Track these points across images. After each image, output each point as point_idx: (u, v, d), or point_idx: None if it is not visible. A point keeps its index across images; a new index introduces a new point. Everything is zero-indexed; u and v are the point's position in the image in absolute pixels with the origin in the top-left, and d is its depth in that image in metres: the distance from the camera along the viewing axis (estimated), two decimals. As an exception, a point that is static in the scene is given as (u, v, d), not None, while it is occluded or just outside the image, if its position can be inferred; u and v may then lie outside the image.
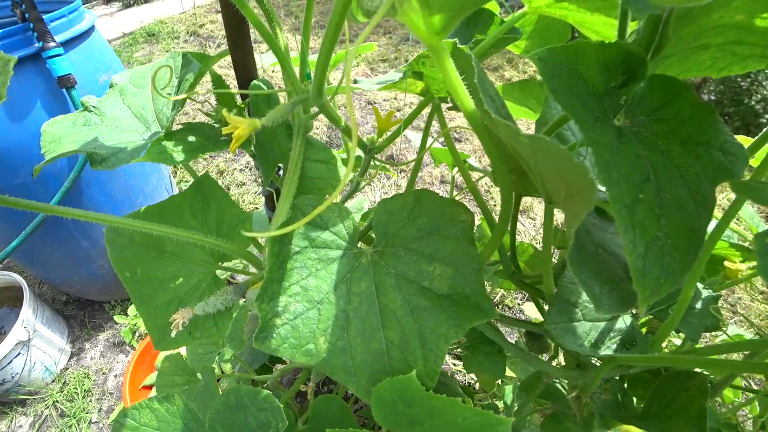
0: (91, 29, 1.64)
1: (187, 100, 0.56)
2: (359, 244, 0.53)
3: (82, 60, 1.53)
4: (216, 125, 0.60)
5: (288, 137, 0.57)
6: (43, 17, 1.37)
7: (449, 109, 0.58)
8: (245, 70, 0.68)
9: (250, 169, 3.08)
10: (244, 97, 0.67)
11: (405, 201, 0.53)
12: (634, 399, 0.82)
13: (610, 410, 0.80)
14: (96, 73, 1.58)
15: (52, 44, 1.36)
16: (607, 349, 0.62)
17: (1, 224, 1.62)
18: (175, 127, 0.56)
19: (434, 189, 2.80)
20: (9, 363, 1.76)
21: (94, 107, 0.63)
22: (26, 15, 1.35)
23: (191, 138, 0.54)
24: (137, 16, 5.92)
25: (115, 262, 0.52)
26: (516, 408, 0.77)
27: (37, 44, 1.36)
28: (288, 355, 0.43)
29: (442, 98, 0.57)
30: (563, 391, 0.98)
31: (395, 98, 3.66)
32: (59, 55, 1.38)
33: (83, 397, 2.01)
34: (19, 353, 1.79)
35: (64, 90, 1.42)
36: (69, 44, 1.49)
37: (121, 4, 6.54)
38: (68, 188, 1.51)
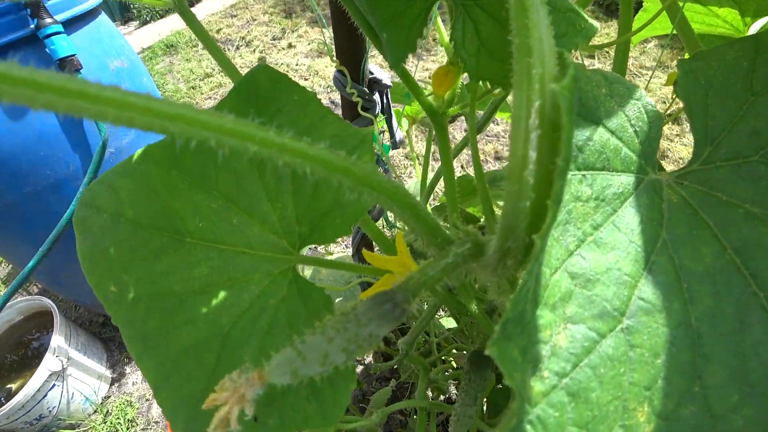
0: (97, 11, 1.43)
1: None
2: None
3: (89, 43, 1.32)
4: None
5: None
6: (38, -7, 1.15)
7: None
8: None
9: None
10: None
11: (731, 54, 0.22)
12: None
13: None
14: (105, 58, 1.36)
15: (49, 20, 1.15)
16: None
17: (21, 246, 1.44)
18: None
19: (491, 168, 2.46)
20: (44, 396, 1.59)
21: None
22: (16, -11, 1.13)
23: None
24: (155, 31, 5.94)
25: (89, 265, 0.25)
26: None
27: (32, 23, 1.15)
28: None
29: None
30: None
31: None
32: (59, 32, 1.16)
33: (127, 428, 1.85)
34: (54, 385, 1.62)
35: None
36: (71, 25, 1.28)
37: (138, 22, 6.60)
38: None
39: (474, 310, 0.39)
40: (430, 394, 0.93)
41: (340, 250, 2.27)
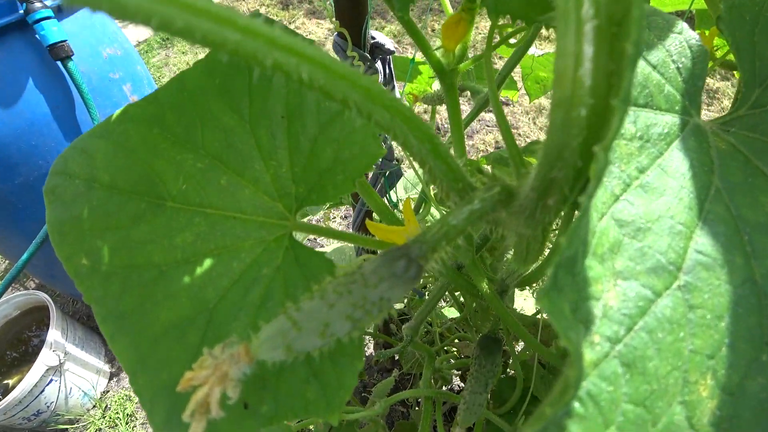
0: (88, -3, 1.39)
1: None
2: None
3: (80, 30, 1.28)
4: None
5: None
6: (26, -24, 1.12)
7: None
8: None
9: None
10: None
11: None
12: None
13: None
14: (98, 46, 1.33)
15: (38, 5, 1.11)
16: None
17: (14, 239, 1.42)
18: None
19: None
20: (41, 392, 1.57)
21: None
22: (3, -28, 1.10)
23: None
24: (151, 24, 5.90)
25: (58, 237, 0.22)
26: None
27: (21, 8, 1.11)
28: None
29: None
30: None
31: None
32: (49, 18, 1.12)
33: (126, 423, 1.84)
34: (51, 380, 1.60)
35: (59, 63, 1.16)
36: (62, 10, 1.24)
37: (135, 15, 6.54)
38: (78, 184, 1.26)
39: (485, 289, 0.36)
40: (433, 383, 0.90)
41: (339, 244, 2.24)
